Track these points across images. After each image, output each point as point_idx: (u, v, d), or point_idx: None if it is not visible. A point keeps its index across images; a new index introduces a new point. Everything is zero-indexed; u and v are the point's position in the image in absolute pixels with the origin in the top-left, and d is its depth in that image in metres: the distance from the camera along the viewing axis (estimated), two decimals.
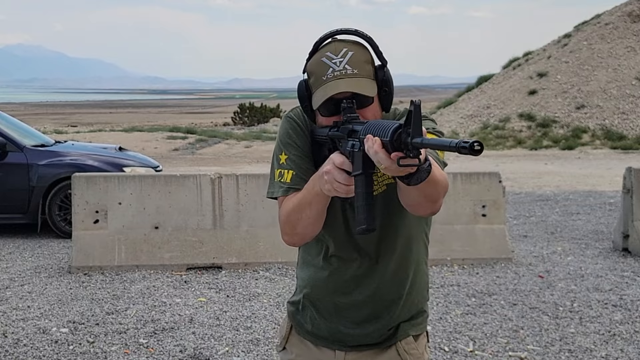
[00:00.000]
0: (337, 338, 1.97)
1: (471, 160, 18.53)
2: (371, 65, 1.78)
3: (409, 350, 1.95)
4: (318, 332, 1.99)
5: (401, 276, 1.93)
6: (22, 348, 4.52)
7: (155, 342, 4.62)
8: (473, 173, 7.13)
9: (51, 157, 8.45)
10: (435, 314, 5.18)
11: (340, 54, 1.75)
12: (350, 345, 1.97)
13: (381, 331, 1.95)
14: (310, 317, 2.00)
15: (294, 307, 2.04)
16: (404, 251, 1.92)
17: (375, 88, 1.76)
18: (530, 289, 5.87)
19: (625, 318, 5.11)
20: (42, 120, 43.73)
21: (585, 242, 7.81)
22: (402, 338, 1.95)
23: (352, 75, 1.73)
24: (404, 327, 1.96)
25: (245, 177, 6.73)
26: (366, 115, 1.74)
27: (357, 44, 1.79)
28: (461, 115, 25.37)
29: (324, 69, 1.75)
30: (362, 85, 1.73)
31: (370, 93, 1.74)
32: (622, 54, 25.19)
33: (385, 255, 1.90)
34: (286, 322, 2.08)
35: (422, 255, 1.98)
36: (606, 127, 22.48)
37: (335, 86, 1.72)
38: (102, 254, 6.49)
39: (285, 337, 2.06)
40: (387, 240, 1.89)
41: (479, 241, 6.82)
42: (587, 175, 14.59)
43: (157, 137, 22.34)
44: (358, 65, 1.75)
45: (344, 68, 1.74)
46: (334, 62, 1.75)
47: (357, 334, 1.95)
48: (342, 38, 1.81)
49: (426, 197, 1.64)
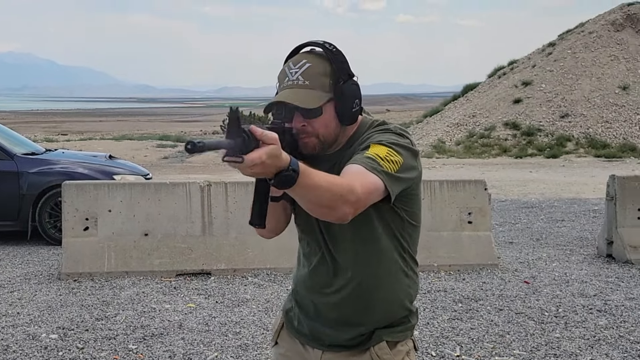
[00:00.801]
0: (316, 336, 2.03)
1: (457, 168, 18.66)
2: (328, 78, 1.85)
3: (381, 356, 1.96)
4: (301, 329, 2.06)
5: (370, 282, 1.95)
6: (12, 354, 4.53)
7: (145, 348, 4.65)
8: (459, 181, 7.22)
9: (41, 165, 8.47)
10: (423, 319, 5.24)
11: (298, 65, 1.85)
12: (327, 345, 2.02)
13: (355, 335, 1.98)
14: (297, 314, 2.08)
15: (289, 304, 2.13)
16: (370, 258, 1.94)
17: (319, 100, 1.83)
18: (516, 295, 5.94)
19: (610, 323, 5.19)
20: (33, 129, 43.52)
21: (570, 248, 7.91)
22: (376, 343, 1.97)
23: (299, 87, 1.83)
24: (379, 333, 1.98)
25: (234, 185, 6.78)
26: (315, 126, 1.85)
27: (321, 57, 1.87)
28: (447, 124, 25.53)
29: (283, 77, 1.88)
30: (301, 96, 1.82)
31: (307, 105, 1.82)
32: (606, 62, 25.46)
33: (349, 265, 1.95)
34: (279, 318, 2.16)
35: (396, 264, 1.97)
36: (590, 135, 22.70)
37: (280, 95, 1.84)
38: (91, 260, 6.51)
39: (277, 331, 2.14)
40: (351, 251, 1.94)
41: (465, 247, 6.89)
42: (571, 183, 14.74)
43: (147, 146, 22.32)
44: (311, 77, 1.84)
45: (297, 78, 1.84)
46: (291, 72, 1.86)
47: (333, 334, 2.00)
48: (309, 50, 1.90)
49: (313, 203, 1.66)
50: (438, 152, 22.98)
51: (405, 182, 1.84)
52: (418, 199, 1.98)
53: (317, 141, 1.88)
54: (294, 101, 1.82)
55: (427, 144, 23.85)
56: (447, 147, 23.35)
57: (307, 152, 1.89)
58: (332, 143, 1.91)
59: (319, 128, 1.86)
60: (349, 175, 1.72)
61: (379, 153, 1.79)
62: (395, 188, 1.80)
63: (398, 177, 1.80)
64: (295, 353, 2.09)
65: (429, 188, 6.88)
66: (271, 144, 1.51)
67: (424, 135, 25.22)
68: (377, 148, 1.81)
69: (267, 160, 1.50)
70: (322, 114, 1.85)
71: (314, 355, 2.04)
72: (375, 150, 1.80)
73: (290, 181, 1.55)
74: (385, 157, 1.79)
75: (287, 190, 1.60)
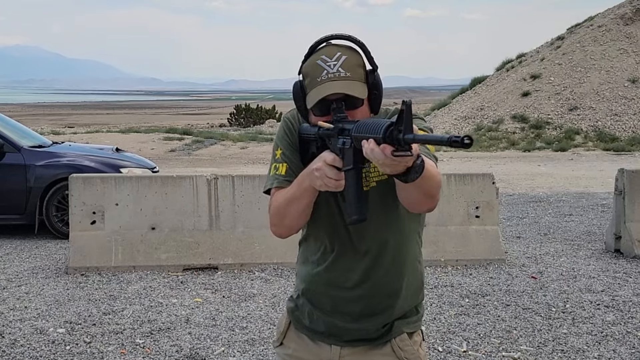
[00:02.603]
0: (333, 332, 2.03)
1: (464, 161, 18.62)
2: (363, 69, 1.88)
3: (404, 347, 2.00)
4: (316, 327, 2.05)
5: (395, 272, 1.98)
6: (19, 348, 4.55)
7: (152, 342, 4.66)
8: (466, 174, 7.19)
9: (48, 158, 8.47)
10: (429, 314, 5.23)
11: (335, 58, 1.86)
12: (345, 340, 2.02)
13: (376, 327, 2.00)
14: (308, 312, 2.06)
15: (293, 304, 2.11)
16: (397, 248, 1.98)
17: (365, 91, 1.87)
18: (523, 290, 5.92)
19: (618, 319, 5.17)
20: (40, 121, 43.64)
21: (578, 243, 7.87)
22: (397, 335, 2.01)
23: (345, 78, 1.83)
24: (398, 324, 2.01)
25: (241, 178, 6.77)
26: (355, 116, 1.85)
27: (350, 49, 1.90)
28: (455, 117, 25.44)
29: (319, 71, 1.86)
30: (354, 87, 1.83)
31: (361, 95, 1.84)
32: (615, 56, 25.31)
33: (378, 251, 1.97)
34: (285, 318, 2.14)
35: (416, 254, 2.04)
36: (599, 128, 22.58)
37: (329, 87, 1.83)
38: (99, 254, 6.52)
39: (283, 332, 2.12)
40: (379, 236, 1.96)
41: (473, 242, 6.87)
42: (579, 177, 14.67)
43: (153, 138, 22.32)
44: (351, 69, 1.85)
45: (338, 71, 1.84)
46: (328, 65, 1.85)
47: (353, 328, 2.00)
48: (336, 42, 1.91)
49: (424, 193, 1.73)
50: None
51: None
52: None
53: None
54: (350, 91, 1.82)
55: None
56: None
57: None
58: None
59: (359, 118, 1.85)
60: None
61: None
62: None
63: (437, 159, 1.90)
64: (306, 352, 2.07)
65: None
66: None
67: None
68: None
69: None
70: (362, 104, 1.88)
71: (331, 352, 2.04)
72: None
73: (421, 169, 1.60)
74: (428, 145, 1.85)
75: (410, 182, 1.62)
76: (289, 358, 2.11)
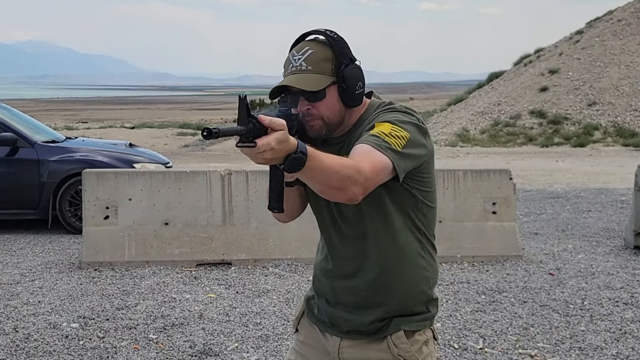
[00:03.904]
0: (334, 323, 2.06)
1: (482, 157, 18.49)
2: (330, 63, 1.91)
3: (398, 345, 1.98)
4: (321, 316, 2.10)
5: (384, 267, 1.98)
6: (33, 343, 4.54)
7: (165, 338, 4.63)
8: (483, 170, 7.11)
9: (62, 153, 8.48)
10: (445, 311, 5.17)
11: (301, 52, 1.92)
12: (345, 332, 2.04)
13: (370, 320, 2.00)
14: (318, 301, 2.12)
15: (310, 292, 2.17)
16: (383, 242, 1.96)
17: (322, 84, 1.89)
18: (540, 287, 5.84)
19: (637, 316, 5.08)
20: (53, 117, 43.89)
21: (597, 239, 7.77)
22: (393, 332, 1.99)
23: (301, 72, 1.90)
24: (397, 321, 1.99)
25: (254, 174, 6.73)
26: (319, 109, 1.91)
27: (323, 44, 1.93)
28: (472, 112, 25.30)
29: (287, 65, 1.95)
30: (306, 80, 1.88)
31: (310, 88, 1.88)
32: (635, 50, 25.05)
33: (362, 243, 1.98)
34: (301, 305, 2.21)
35: (416, 249, 1.99)
36: (618, 124, 22.37)
37: (284, 81, 1.91)
38: (112, 249, 6.51)
39: (298, 318, 2.20)
40: (362, 227, 1.97)
41: (489, 238, 6.79)
42: (598, 173, 14.52)
43: (167, 134, 22.40)
44: (313, 62, 1.90)
45: (300, 64, 1.90)
46: (294, 59, 1.92)
47: (350, 319, 2.02)
48: (312, 38, 1.96)
49: (322, 184, 1.71)
50: (462, 140, 22.79)
51: (414, 159, 1.85)
52: (432, 179, 1.99)
53: (322, 123, 1.93)
54: (298, 85, 1.88)
55: (451, 133, 23.67)
56: (472, 136, 23.14)
57: (314, 135, 1.94)
58: (338, 125, 1.97)
59: (324, 111, 1.92)
60: (357, 156, 1.76)
61: (384, 130, 1.83)
62: (402, 165, 1.81)
63: (406, 153, 1.82)
64: (314, 340, 2.13)
65: (453, 177, 6.79)
66: (279, 130, 1.56)
67: (448, 124, 25.03)
68: (381, 126, 1.85)
69: (276, 146, 1.55)
70: (325, 97, 1.91)
71: (332, 342, 2.07)
72: (380, 128, 1.84)
73: (300, 164, 1.60)
74: (390, 133, 1.82)
75: (297, 174, 1.65)
76: (300, 344, 2.17)
